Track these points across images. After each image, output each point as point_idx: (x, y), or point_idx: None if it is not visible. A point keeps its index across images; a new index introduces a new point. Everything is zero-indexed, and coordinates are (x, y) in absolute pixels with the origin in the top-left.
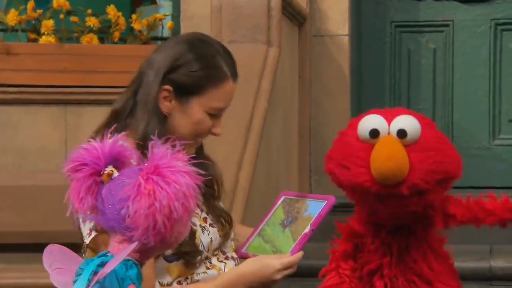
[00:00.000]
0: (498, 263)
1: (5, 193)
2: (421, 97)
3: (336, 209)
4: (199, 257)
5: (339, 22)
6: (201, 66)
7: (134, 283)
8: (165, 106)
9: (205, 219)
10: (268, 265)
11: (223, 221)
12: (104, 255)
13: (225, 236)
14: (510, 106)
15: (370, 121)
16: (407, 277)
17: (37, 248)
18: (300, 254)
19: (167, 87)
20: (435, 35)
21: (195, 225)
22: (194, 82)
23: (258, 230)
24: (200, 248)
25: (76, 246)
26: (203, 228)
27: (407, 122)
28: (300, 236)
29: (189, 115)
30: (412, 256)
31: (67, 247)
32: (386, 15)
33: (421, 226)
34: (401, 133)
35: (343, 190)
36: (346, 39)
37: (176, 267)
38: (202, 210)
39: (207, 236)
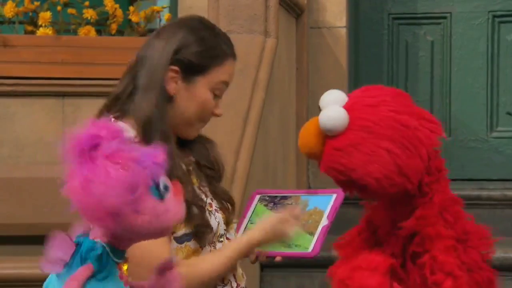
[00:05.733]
0: (495, 254)
1: (1, 185)
2: (419, 89)
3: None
4: (210, 233)
5: (337, 14)
6: (205, 47)
7: (91, 263)
8: (172, 87)
9: (210, 205)
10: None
11: (225, 203)
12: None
13: (227, 221)
14: (508, 99)
15: (324, 97)
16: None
17: (33, 240)
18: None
19: (174, 67)
20: (432, 27)
21: (205, 204)
22: (199, 61)
23: (243, 230)
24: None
25: None
26: (209, 212)
27: (330, 116)
28: (318, 230)
29: (195, 95)
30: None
31: None
32: (384, 7)
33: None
34: (322, 124)
35: None
36: (343, 31)
37: (185, 248)
38: (207, 196)
39: (214, 220)
